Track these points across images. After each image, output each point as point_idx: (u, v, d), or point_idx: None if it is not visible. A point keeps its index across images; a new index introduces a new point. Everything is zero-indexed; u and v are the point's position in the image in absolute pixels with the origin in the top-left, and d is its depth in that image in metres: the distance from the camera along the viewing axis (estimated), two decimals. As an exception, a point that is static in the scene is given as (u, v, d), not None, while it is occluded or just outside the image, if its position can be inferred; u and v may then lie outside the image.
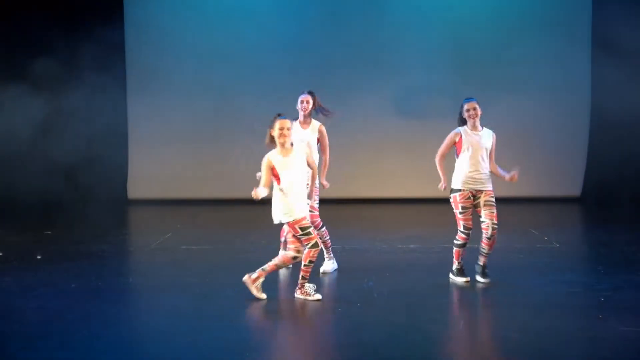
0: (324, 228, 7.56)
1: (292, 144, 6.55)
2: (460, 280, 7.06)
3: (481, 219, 6.93)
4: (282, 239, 7.40)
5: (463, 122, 7.00)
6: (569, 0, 13.66)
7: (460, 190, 6.93)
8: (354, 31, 13.64)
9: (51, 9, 13.25)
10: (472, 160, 6.89)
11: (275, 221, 6.52)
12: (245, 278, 6.54)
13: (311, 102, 7.67)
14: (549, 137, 13.63)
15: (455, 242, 7.08)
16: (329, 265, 7.70)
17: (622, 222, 11.00)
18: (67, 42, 12.96)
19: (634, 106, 12.31)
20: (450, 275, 7.19)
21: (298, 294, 6.54)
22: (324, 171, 7.76)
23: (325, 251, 7.64)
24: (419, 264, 7.67)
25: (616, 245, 9.04)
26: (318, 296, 6.47)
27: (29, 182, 12.85)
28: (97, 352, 5.11)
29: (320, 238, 7.33)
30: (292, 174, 6.43)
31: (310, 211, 7.22)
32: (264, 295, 6.48)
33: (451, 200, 7.01)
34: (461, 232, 7.00)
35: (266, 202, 6.55)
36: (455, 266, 7.14)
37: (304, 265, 6.45)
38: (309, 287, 6.52)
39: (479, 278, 7.03)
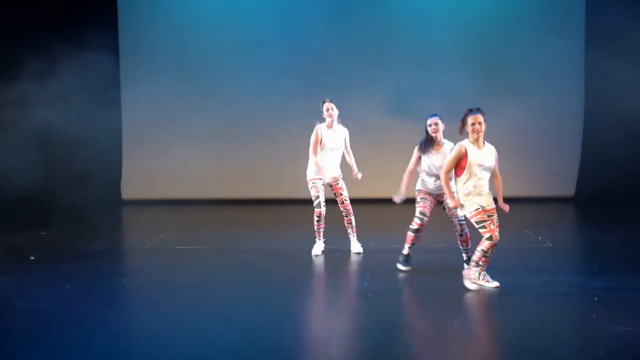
0: None
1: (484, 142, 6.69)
2: (402, 267, 7.54)
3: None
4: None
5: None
6: (562, 1, 13.70)
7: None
8: (351, 32, 13.65)
9: (45, 8, 13.22)
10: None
11: (462, 214, 6.69)
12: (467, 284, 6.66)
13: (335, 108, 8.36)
14: (542, 138, 13.67)
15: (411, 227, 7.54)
16: None
17: (615, 222, 11.02)
18: (59, 43, 12.90)
19: (627, 107, 12.34)
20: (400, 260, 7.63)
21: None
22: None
23: None
24: (413, 264, 7.68)
25: (610, 245, 9.06)
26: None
27: (23, 183, 12.80)
28: (93, 353, 5.11)
29: None
30: (484, 167, 6.55)
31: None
32: (474, 286, 6.59)
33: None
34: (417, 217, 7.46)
35: (261, 202, 6.54)
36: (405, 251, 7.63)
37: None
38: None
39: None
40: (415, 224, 7.44)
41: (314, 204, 8.39)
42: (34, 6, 13.19)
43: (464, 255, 7.53)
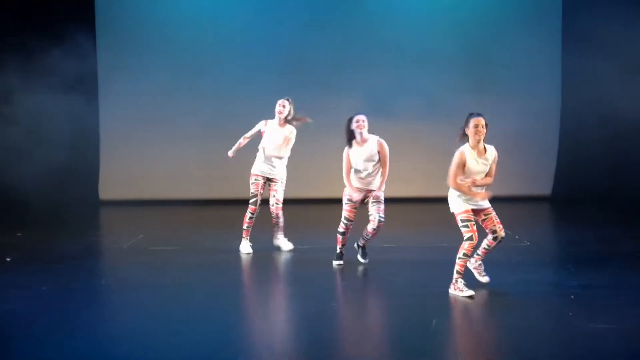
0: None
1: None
2: (335, 262, 7.89)
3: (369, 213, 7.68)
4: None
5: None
6: (538, 2, 13.81)
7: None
8: (336, 32, 13.62)
9: (21, 8, 13.09)
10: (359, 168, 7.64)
11: (452, 210, 6.58)
12: (451, 290, 6.50)
13: (287, 107, 8.61)
14: (519, 137, 13.71)
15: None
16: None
17: (591, 221, 11.12)
18: (36, 42, 12.75)
19: (603, 106, 12.46)
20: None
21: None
22: None
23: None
24: (399, 263, 7.72)
25: (586, 244, 9.15)
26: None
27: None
28: (71, 355, 5.08)
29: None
30: (480, 170, 6.55)
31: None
32: (471, 292, 6.41)
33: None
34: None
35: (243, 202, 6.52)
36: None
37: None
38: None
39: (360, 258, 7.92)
40: (341, 227, 7.83)
41: (250, 200, 8.60)
42: (11, 4, 13.04)
43: (362, 242, 7.83)
